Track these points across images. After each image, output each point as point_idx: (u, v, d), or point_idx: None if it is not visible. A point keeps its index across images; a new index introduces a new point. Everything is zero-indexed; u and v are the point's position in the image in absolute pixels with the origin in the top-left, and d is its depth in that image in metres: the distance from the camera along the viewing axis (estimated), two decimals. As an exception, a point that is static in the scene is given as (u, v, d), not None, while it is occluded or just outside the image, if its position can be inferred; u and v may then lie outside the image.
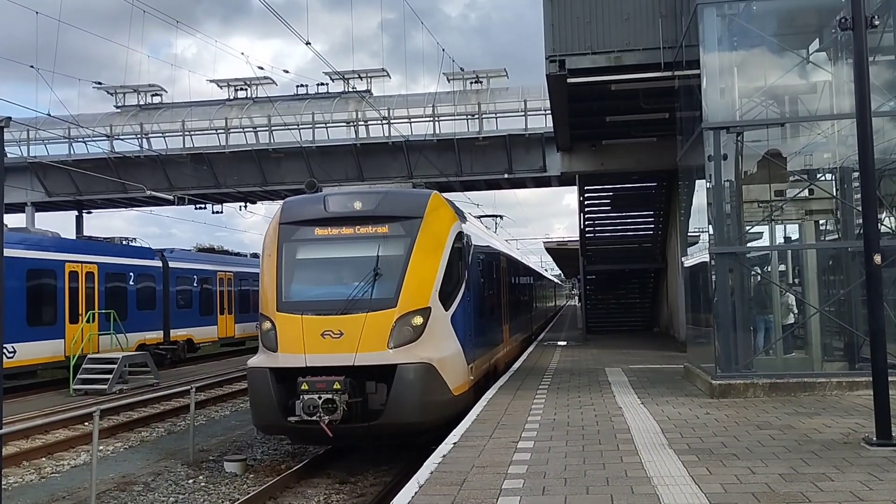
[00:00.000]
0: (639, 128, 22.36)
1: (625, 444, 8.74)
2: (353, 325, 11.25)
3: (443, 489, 7.02)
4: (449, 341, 12.03)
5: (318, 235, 12.43)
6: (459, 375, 12.16)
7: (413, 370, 11.03)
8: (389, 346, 11.19)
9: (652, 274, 32.43)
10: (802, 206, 13.81)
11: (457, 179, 32.20)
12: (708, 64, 13.06)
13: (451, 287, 12.30)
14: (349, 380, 10.88)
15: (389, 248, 12.00)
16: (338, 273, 12.35)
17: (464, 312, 12.73)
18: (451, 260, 12.29)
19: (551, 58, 15.98)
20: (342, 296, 11.61)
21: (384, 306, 11.40)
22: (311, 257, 12.48)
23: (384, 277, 11.71)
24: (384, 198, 12.60)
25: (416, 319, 11.40)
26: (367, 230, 12.22)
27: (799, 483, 6.77)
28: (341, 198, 12.75)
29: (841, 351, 13.42)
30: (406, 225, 12.15)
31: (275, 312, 11.82)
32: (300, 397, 10.83)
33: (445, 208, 13.01)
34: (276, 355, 11.52)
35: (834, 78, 13.56)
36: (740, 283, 13.15)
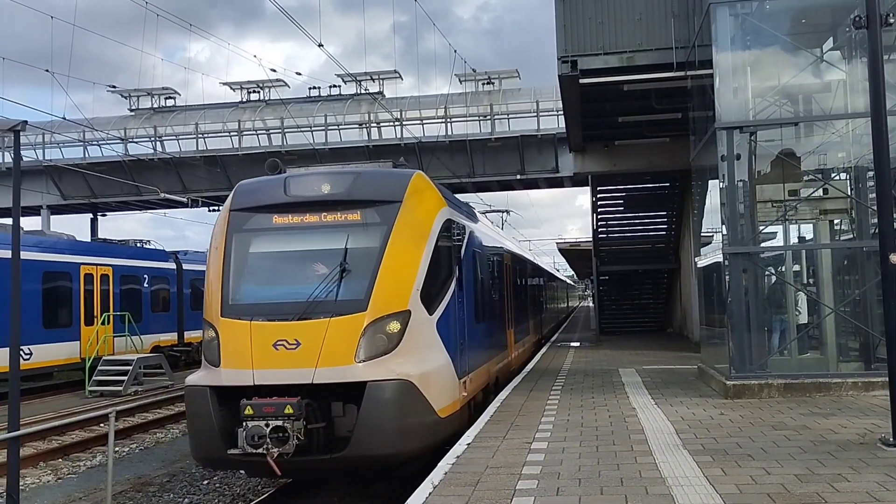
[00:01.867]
0: (651, 128, 22.31)
1: (639, 444, 8.73)
2: (313, 332, 9.25)
3: (457, 490, 7.03)
4: (433, 351, 10.04)
5: (276, 224, 10.35)
6: (447, 393, 10.19)
7: (387, 388, 9.03)
8: (358, 358, 9.16)
9: (665, 274, 32.34)
10: (817, 205, 13.75)
11: (469, 180, 32.22)
12: (721, 63, 13.02)
13: (438, 286, 10.39)
14: (307, 402, 8.87)
15: (361, 239, 10.01)
16: (297, 269, 10.21)
17: (454, 316, 10.79)
18: (437, 253, 10.31)
19: (563, 58, 15.96)
20: (301, 297, 9.55)
21: (352, 309, 9.38)
22: (265, 250, 10.40)
23: (353, 274, 9.71)
24: (357, 179, 10.49)
25: (392, 325, 9.39)
26: (336, 217, 10.20)
27: (815, 484, 6.74)
28: (306, 179, 10.67)
29: (856, 351, 13.33)
30: (382, 211, 10.10)
31: (218, 318, 9.76)
32: (243, 424, 8.82)
33: (431, 191, 10.97)
34: (219, 371, 9.46)
35: (848, 76, 13.48)
36: (754, 284, 13.09)
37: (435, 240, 10.32)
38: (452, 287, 10.83)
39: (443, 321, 10.34)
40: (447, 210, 11.10)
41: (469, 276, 12.16)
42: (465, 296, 11.61)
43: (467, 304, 11.74)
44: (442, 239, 10.59)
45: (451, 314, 10.69)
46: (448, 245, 10.91)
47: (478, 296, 13.08)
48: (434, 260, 10.19)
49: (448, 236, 10.94)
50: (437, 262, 10.35)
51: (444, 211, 10.93)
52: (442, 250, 10.61)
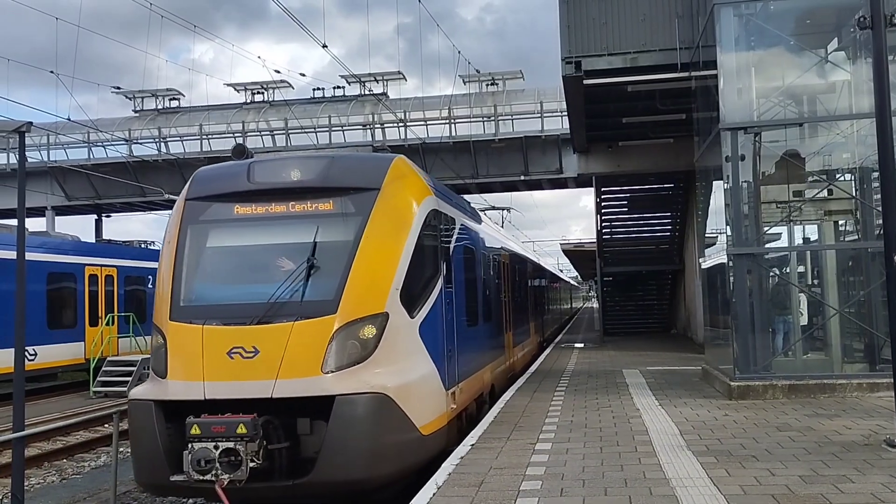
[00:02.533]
0: (655, 129, 22.29)
1: (643, 445, 8.72)
2: (275, 338, 8.11)
3: (461, 490, 7.03)
4: (415, 359, 8.89)
5: (237, 215, 9.20)
6: (431, 406, 9.02)
7: (359, 403, 7.91)
8: (325, 368, 8.04)
9: (669, 275, 32.31)
10: (821, 206, 13.73)
11: (473, 181, 32.22)
12: (725, 64, 13.00)
13: (421, 285, 9.25)
14: (266, 419, 7.79)
15: (332, 231, 8.90)
16: (259, 266, 9.09)
17: (441, 319, 9.66)
18: (420, 248, 9.18)
19: (567, 59, 15.96)
20: (261, 298, 8.40)
21: (320, 312, 8.25)
22: (222, 245, 9.29)
23: (322, 272, 8.60)
24: (330, 164, 9.38)
25: (366, 330, 8.27)
26: (305, 207, 9.07)
27: (819, 485, 6.73)
28: (272, 165, 9.60)
29: (861, 352, 13.30)
30: (357, 199, 8.99)
31: (166, 322, 8.62)
32: (189, 445, 7.68)
33: (413, 178, 9.78)
34: (165, 383, 8.33)
35: (853, 77, 13.46)
36: (758, 285, 13.07)
37: (418, 232, 9.14)
38: (439, 286, 9.67)
39: (427, 325, 9.15)
40: (432, 199, 9.88)
41: (460, 274, 11.14)
42: (455, 296, 10.56)
43: (457, 305, 10.65)
44: (426, 232, 9.44)
45: (438, 317, 9.55)
46: (434, 239, 9.80)
47: (470, 296, 12.01)
48: (417, 255, 9.02)
49: (434, 229, 9.81)
50: (421, 257, 9.21)
51: (428, 200, 9.71)
52: (426, 245, 9.48)
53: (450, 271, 10.33)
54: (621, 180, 29.08)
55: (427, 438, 8.71)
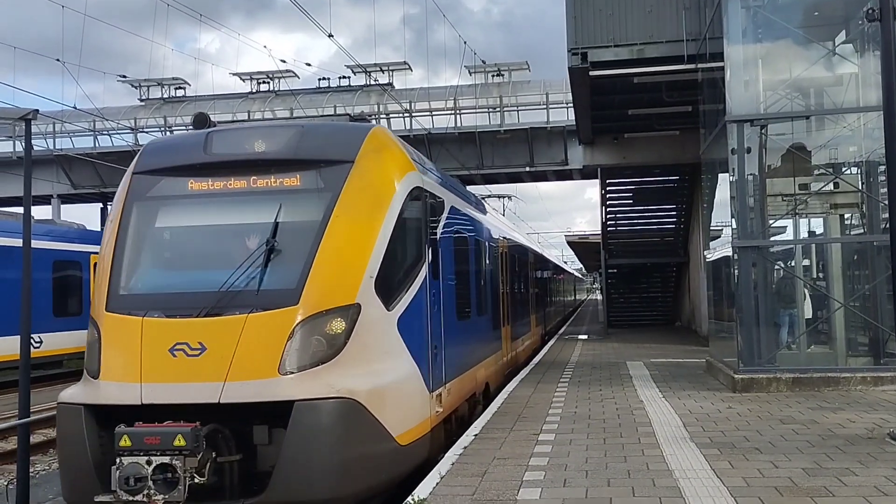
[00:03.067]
0: (661, 121, 22.25)
1: (646, 437, 8.73)
2: (224, 333, 7.05)
3: (464, 480, 7.05)
4: (392, 358, 7.84)
5: (191, 191, 8.11)
6: (411, 411, 8.01)
7: (322, 410, 6.85)
8: (283, 369, 6.95)
9: (674, 268, 32.30)
10: (827, 199, 13.69)
11: (478, 172, 32.22)
12: (732, 56, 12.95)
13: (401, 273, 8.21)
14: (213, 427, 6.71)
15: (298, 210, 7.86)
16: (212, 249, 8.03)
17: (424, 311, 8.61)
18: (401, 230, 8.12)
19: (573, 50, 15.94)
20: (212, 286, 7.32)
21: (279, 303, 7.18)
22: (171, 225, 8.22)
23: (284, 256, 7.55)
24: (298, 134, 8.28)
25: (333, 324, 7.21)
26: (268, 182, 8.00)
27: (822, 478, 6.73)
28: (233, 135, 8.54)
29: (866, 346, 13.30)
30: (328, 174, 7.93)
31: (102, 313, 7.53)
32: (118, 460, 6.52)
33: (394, 150, 8.61)
34: (97, 384, 7.24)
35: (860, 70, 13.41)
36: (763, 278, 13.06)
37: (398, 212, 8.05)
38: (423, 274, 8.58)
39: (408, 318, 8.09)
40: (415, 176, 8.73)
41: (449, 261, 10.07)
42: (443, 286, 9.50)
43: (446, 296, 9.60)
44: (408, 212, 8.35)
45: (421, 309, 8.50)
46: (417, 220, 8.69)
47: (461, 287, 10.96)
48: (396, 239, 7.98)
49: (417, 209, 8.71)
50: (401, 241, 8.19)
51: (411, 176, 8.59)
52: (408, 227, 8.42)
53: (437, 258, 9.21)
54: (627, 172, 29.06)
55: (405, 449, 7.65)
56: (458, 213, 11.07)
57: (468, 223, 11.95)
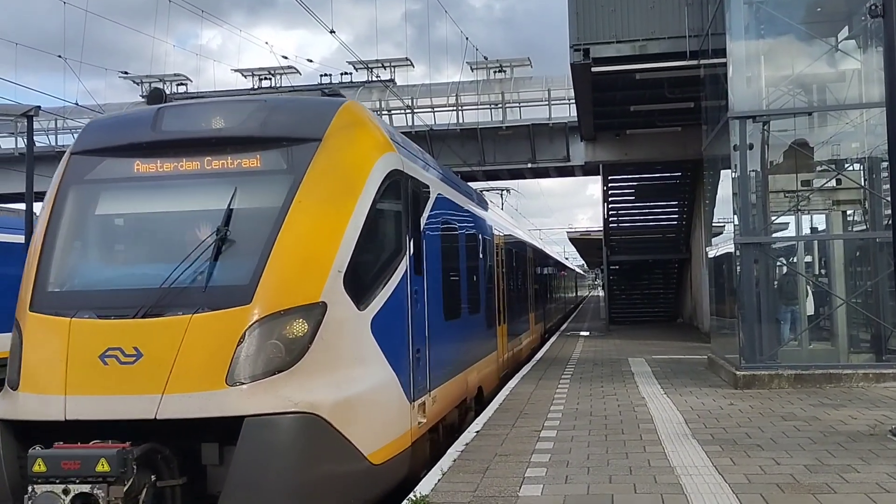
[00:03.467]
0: (663, 117, 22.24)
1: (648, 433, 8.72)
2: (164, 337, 6.11)
3: (466, 476, 7.05)
4: (365, 365, 6.90)
5: (137, 174, 7.10)
6: (387, 425, 7.08)
7: (277, 428, 5.94)
8: (232, 379, 5.99)
9: (676, 264, 32.29)
10: (829, 196, 13.70)
11: (480, 168, 32.16)
12: (734, 52, 12.94)
13: (377, 267, 7.33)
14: (148, 448, 5.83)
15: (255, 195, 6.93)
16: (157, 240, 7.14)
17: (404, 311, 7.72)
18: (376, 219, 7.25)
19: (576, 46, 15.92)
20: (152, 282, 6.40)
21: (229, 301, 6.23)
22: (111, 212, 7.28)
23: (239, 248, 6.61)
24: (260, 109, 7.35)
25: (294, 326, 6.26)
26: (225, 163, 7.03)
27: (824, 474, 6.73)
28: (188, 110, 7.59)
29: (868, 342, 13.30)
30: (292, 154, 7.02)
31: (26, 312, 6.58)
32: (30, 488, 5.66)
33: (369, 129, 7.66)
34: (16, 396, 6.31)
35: (863, 66, 13.40)
36: (765, 274, 13.05)
37: (372, 198, 7.13)
38: (403, 269, 7.68)
39: (384, 318, 7.15)
40: (394, 157, 7.75)
41: (435, 255, 9.16)
42: (428, 282, 8.62)
43: (431, 293, 8.73)
44: (385, 198, 7.45)
45: (400, 308, 7.60)
46: (396, 208, 7.79)
47: (449, 283, 10.11)
48: (370, 228, 7.05)
49: (396, 195, 7.78)
50: (376, 231, 7.31)
51: (389, 158, 7.62)
52: (385, 215, 7.56)
53: (420, 251, 8.30)
54: (628, 169, 29.05)
55: (379, 468, 6.72)
56: (447, 203, 10.15)
57: (459, 214, 11.11)
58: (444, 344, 9.35)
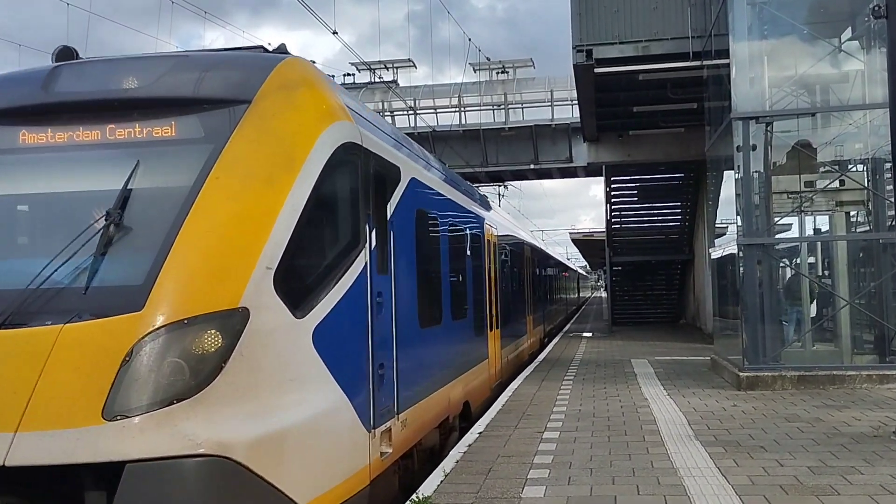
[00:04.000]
0: (666, 118, 22.23)
1: (651, 435, 8.71)
2: (22, 355, 4.69)
3: (468, 478, 7.04)
4: (303, 387, 5.40)
5: (22, 145, 5.72)
6: (335, 463, 5.73)
7: (172, 477, 4.55)
8: (111, 411, 4.54)
9: (678, 265, 32.27)
10: (833, 197, 13.68)
11: (482, 170, 32.18)
12: (737, 53, 12.92)
13: (322, 263, 5.86)
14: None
15: (163, 170, 5.56)
16: (38, 231, 5.75)
17: (362, 317, 6.28)
18: (320, 201, 5.72)
19: (578, 47, 15.93)
20: (15, 282, 5.00)
21: (114, 307, 4.77)
22: None
23: (132, 238, 5.19)
24: (177, 66, 5.97)
25: (202, 340, 4.80)
26: (132, 132, 5.64)
27: (828, 476, 6.71)
28: (88, 69, 6.19)
29: (871, 344, 13.27)
30: (213, 119, 5.61)
31: None
32: None
33: (315, 90, 6.13)
34: None
35: (866, 67, 13.38)
36: (769, 275, 13.03)
37: (317, 177, 5.65)
38: (361, 266, 6.22)
39: (332, 327, 5.72)
40: (348, 128, 6.25)
41: (408, 250, 7.80)
42: (398, 282, 7.27)
43: (401, 295, 7.38)
44: (336, 178, 6.03)
45: (355, 314, 6.19)
46: (352, 190, 6.34)
47: (428, 283, 8.77)
48: (313, 214, 5.60)
49: (352, 175, 6.33)
50: (321, 218, 5.87)
51: (341, 128, 6.13)
52: (336, 199, 6.17)
53: (386, 245, 6.98)
54: (631, 169, 29.03)
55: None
56: (424, 189, 8.69)
57: (442, 204, 9.73)
58: (419, 355, 8.09)
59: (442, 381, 9.18)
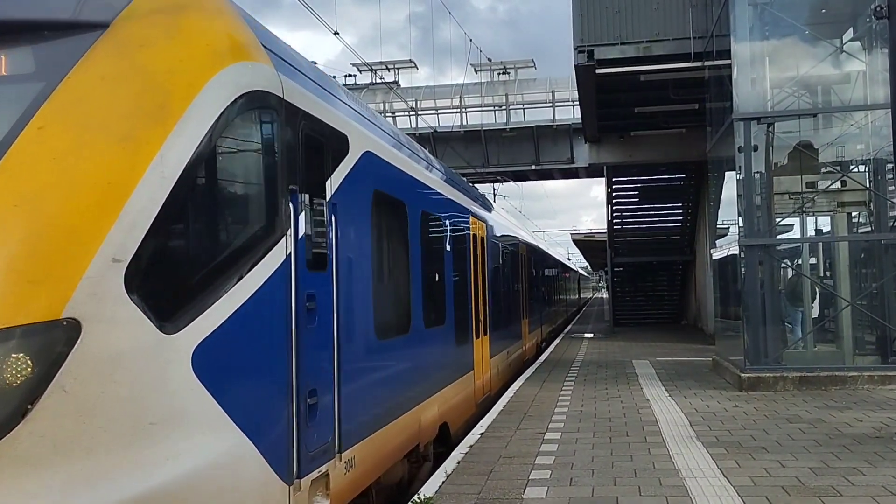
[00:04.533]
0: (667, 119, 22.22)
1: (652, 436, 8.70)
2: None
3: (470, 479, 7.03)
4: (173, 434, 3.84)
5: None
6: None
7: None
8: None
9: (680, 266, 32.28)
10: (834, 197, 13.68)
11: (484, 171, 32.20)
12: (739, 53, 12.92)
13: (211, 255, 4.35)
14: None
15: None
16: None
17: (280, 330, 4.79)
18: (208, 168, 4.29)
19: (580, 48, 15.91)
20: None
21: None
22: None
23: None
24: None
25: (2, 368, 3.26)
26: None
27: (829, 477, 6.70)
28: None
29: (873, 345, 13.26)
30: (48, 49, 4.11)
31: None
32: None
33: (204, 13, 4.55)
34: None
35: (868, 67, 13.37)
36: (770, 276, 13.03)
37: (204, 134, 4.16)
38: (279, 261, 4.75)
39: (228, 346, 4.27)
40: (261, 72, 4.74)
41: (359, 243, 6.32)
42: (342, 284, 5.74)
43: (346, 300, 5.84)
44: (236, 136, 4.56)
45: (264, 327, 4.63)
46: (261, 157, 4.82)
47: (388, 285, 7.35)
48: (197, 186, 4.21)
49: (266, 135, 4.86)
50: (210, 192, 4.41)
51: (247, 70, 4.60)
52: (235, 166, 4.66)
53: (324, 233, 5.43)
54: (633, 170, 29.02)
55: None
56: (386, 168, 7.19)
57: (414, 188, 8.18)
58: (375, 374, 6.72)
59: (408, 402, 7.67)
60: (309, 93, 5.47)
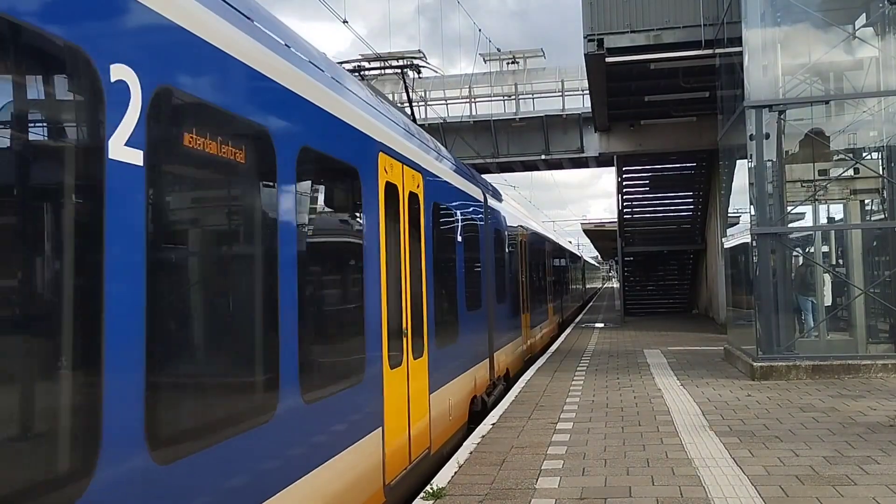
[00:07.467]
0: (678, 107, 22.11)
1: (665, 425, 8.69)
2: None
3: (482, 469, 7.04)
4: None
5: None
6: None
7: None
8: None
9: (691, 255, 32.16)
10: (847, 185, 13.59)
11: (493, 161, 32.12)
12: (750, 41, 12.83)
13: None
14: None
15: None
16: None
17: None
18: None
19: (589, 37, 15.84)
20: None
21: None
22: None
23: None
24: None
25: None
26: None
27: (843, 466, 6.68)
28: None
29: (886, 333, 13.19)
30: None
31: None
32: None
33: None
34: None
35: (881, 53, 13.24)
36: (782, 264, 12.97)
37: None
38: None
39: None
40: None
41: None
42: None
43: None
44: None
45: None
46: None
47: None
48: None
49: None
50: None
51: None
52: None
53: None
54: (643, 159, 28.88)
55: None
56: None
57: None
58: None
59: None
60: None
